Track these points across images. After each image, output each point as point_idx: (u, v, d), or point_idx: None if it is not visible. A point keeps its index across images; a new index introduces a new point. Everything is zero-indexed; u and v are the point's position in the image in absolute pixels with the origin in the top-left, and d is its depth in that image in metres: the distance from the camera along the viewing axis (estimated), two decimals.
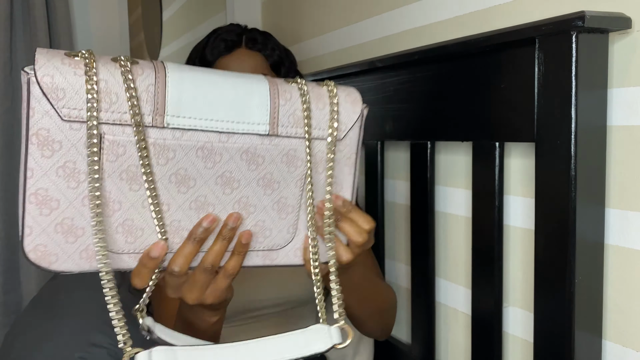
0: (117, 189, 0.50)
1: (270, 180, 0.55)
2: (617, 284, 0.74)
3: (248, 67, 0.93)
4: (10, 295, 1.41)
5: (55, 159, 0.48)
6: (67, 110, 0.47)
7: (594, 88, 0.70)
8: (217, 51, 0.94)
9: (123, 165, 0.50)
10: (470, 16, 0.94)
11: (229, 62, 0.93)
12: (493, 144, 0.84)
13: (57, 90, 0.46)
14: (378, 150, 1.14)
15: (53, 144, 0.47)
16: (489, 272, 0.86)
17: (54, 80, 0.46)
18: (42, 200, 0.48)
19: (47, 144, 0.47)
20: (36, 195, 0.48)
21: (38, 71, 0.46)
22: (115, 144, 0.49)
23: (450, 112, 0.91)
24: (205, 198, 0.53)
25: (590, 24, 0.66)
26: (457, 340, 1.02)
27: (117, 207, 0.50)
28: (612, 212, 0.73)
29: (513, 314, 0.89)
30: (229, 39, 0.94)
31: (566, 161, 0.70)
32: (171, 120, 0.50)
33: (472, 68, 0.86)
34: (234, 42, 0.94)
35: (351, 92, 0.58)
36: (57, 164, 0.48)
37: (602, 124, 0.72)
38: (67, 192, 0.49)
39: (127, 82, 0.48)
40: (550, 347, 0.74)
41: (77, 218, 0.49)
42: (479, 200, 0.88)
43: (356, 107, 0.57)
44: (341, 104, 0.57)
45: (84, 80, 0.47)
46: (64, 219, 0.49)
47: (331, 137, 0.57)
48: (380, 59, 1.04)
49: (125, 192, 0.50)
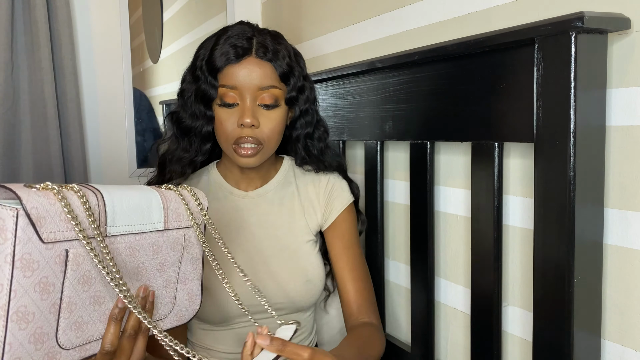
0: (75, 292, 0.59)
1: (164, 263, 0.71)
2: (616, 284, 0.74)
3: (257, 77, 0.91)
4: None
5: (33, 278, 0.55)
6: (46, 234, 0.55)
7: (593, 88, 0.71)
8: (226, 58, 0.91)
9: (80, 272, 0.59)
10: (470, 16, 0.94)
11: (238, 72, 0.91)
12: (492, 144, 0.84)
13: (40, 218, 0.55)
14: (378, 150, 1.15)
15: (33, 264, 0.55)
16: (488, 272, 0.86)
17: (39, 211, 0.55)
18: (22, 317, 0.54)
19: (29, 266, 0.54)
20: (17, 313, 0.54)
21: (27, 205, 0.54)
22: (77, 256, 0.59)
23: (450, 112, 0.91)
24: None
25: (589, 25, 0.66)
26: (456, 339, 1.02)
27: (73, 308, 0.59)
28: (611, 211, 0.73)
29: (512, 314, 0.89)
30: (239, 45, 0.91)
31: (565, 161, 0.70)
32: (110, 230, 0.63)
33: (472, 68, 0.86)
34: (244, 50, 0.91)
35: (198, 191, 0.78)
36: (35, 281, 0.55)
37: (601, 124, 0.72)
38: (41, 303, 0.56)
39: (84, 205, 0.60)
40: (549, 346, 0.75)
41: (45, 326, 0.57)
42: (479, 200, 0.88)
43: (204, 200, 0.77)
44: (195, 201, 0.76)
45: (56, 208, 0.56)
46: (36, 328, 0.56)
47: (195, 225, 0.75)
48: (380, 59, 1.04)
49: (79, 294, 0.60)
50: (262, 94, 0.92)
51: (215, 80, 0.92)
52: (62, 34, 1.39)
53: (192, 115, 0.96)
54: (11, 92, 1.35)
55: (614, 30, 0.70)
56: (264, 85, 0.92)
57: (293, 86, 0.96)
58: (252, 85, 0.91)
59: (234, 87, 0.92)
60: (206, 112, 0.94)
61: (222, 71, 0.92)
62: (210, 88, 0.93)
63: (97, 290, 0.62)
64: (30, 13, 1.35)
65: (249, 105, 0.91)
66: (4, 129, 1.35)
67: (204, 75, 0.93)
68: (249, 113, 0.91)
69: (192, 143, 0.99)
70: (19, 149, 1.38)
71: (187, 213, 0.74)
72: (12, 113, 1.36)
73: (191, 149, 0.99)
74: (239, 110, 0.92)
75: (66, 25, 1.39)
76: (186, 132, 0.98)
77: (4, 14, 1.31)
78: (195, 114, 0.95)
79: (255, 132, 0.92)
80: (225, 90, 0.92)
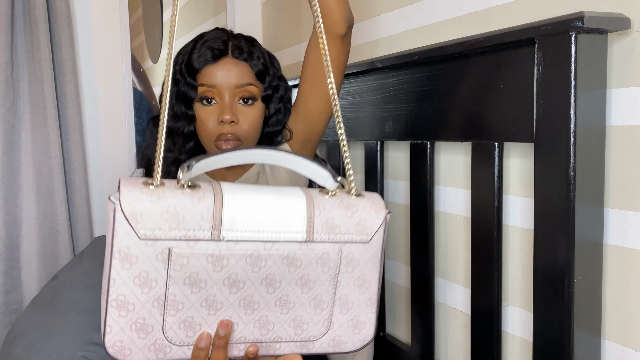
0: (181, 292, 0.59)
1: (307, 280, 0.64)
2: (616, 284, 0.74)
3: (234, 76, 0.96)
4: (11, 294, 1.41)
5: (132, 270, 0.57)
6: (143, 231, 0.57)
7: (593, 88, 0.71)
8: (204, 59, 0.96)
9: (186, 272, 0.59)
10: (470, 16, 0.94)
11: (216, 71, 0.96)
12: (492, 144, 0.84)
13: (136, 215, 0.56)
14: (378, 150, 1.15)
15: (131, 257, 0.57)
16: (489, 272, 0.86)
17: (134, 208, 0.56)
18: (121, 305, 0.58)
19: (127, 259, 0.57)
20: (117, 300, 0.58)
21: (123, 201, 0.56)
22: (181, 256, 0.58)
23: (450, 112, 0.91)
24: (252, 297, 0.62)
25: (589, 25, 0.66)
26: (456, 339, 1.02)
27: (180, 307, 0.60)
28: (611, 211, 0.73)
29: (512, 314, 0.89)
30: (216, 47, 0.97)
31: (565, 161, 0.70)
32: (226, 234, 0.59)
33: (472, 68, 0.86)
34: (220, 51, 0.97)
35: (375, 200, 0.65)
36: (134, 274, 0.57)
37: (601, 124, 0.72)
38: (141, 296, 0.58)
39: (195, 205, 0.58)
40: (549, 346, 0.75)
41: (148, 318, 0.59)
42: (479, 200, 0.88)
43: (380, 214, 0.64)
44: (367, 211, 0.64)
45: (157, 207, 0.57)
46: (138, 319, 0.59)
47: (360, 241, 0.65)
48: (380, 59, 1.04)
49: (187, 295, 0.60)
50: (240, 91, 0.96)
51: (194, 81, 0.97)
52: (62, 34, 1.39)
53: (174, 116, 1.00)
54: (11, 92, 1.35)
55: (614, 30, 0.70)
56: (241, 83, 0.96)
57: (269, 84, 1.00)
58: (230, 83, 0.96)
59: (213, 85, 0.96)
60: (187, 112, 0.98)
61: (201, 72, 0.97)
62: (190, 89, 0.97)
63: (211, 294, 0.61)
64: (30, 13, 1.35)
65: (228, 103, 0.95)
66: (4, 129, 1.35)
67: (184, 78, 0.97)
68: (228, 110, 0.95)
69: (176, 143, 1.02)
70: (19, 149, 1.38)
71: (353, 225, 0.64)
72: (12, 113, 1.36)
73: (174, 149, 1.03)
74: (219, 108, 0.96)
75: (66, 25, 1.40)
76: (169, 134, 1.01)
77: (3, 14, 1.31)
78: (177, 115, 0.99)
79: (235, 129, 0.96)
80: (205, 89, 0.96)
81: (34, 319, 1.09)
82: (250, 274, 0.61)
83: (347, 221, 0.63)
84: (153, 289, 0.59)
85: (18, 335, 1.07)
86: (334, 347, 0.68)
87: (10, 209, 1.38)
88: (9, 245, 1.39)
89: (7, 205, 1.37)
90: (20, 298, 1.42)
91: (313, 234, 0.62)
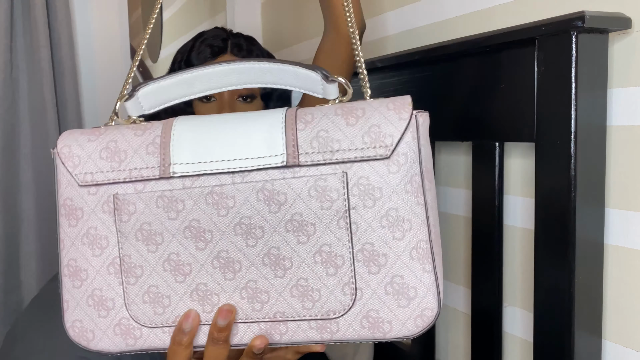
0: (136, 251, 0.48)
1: (301, 222, 0.45)
2: (617, 284, 0.74)
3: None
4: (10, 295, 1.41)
5: (79, 228, 0.49)
6: (81, 176, 0.48)
7: (594, 88, 0.70)
8: (203, 56, 0.96)
9: (136, 224, 0.47)
10: (470, 16, 0.94)
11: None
12: (493, 144, 0.84)
13: (72, 157, 0.48)
14: None
15: (76, 211, 0.48)
16: (489, 272, 0.86)
17: (71, 149, 0.49)
18: (73, 272, 0.49)
19: (72, 213, 0.48)
20: (68, 267, 0.49)
21: (59, 144, 0.49)
22: (127, 203, 0.47)
23: (450, 112, 0.91)
24: (228, 254, 0.46)
25: (590, 24, 0.66)
26: (456, 340, 1.02)
27: (138, 272, 0.48)
28: (612, 212, 0.73)
29: (513, 314, 0.89)
30: (215, 44, 0.97)
31: (566, 161, 0.70)
32: (178, 169, 0.46)
33: (472, 68, 0.86)
34: (219, 48, 0.96)
35: (396, 99, 0.47)
36: (81, 231, 0.49)
37: (602, 124, 0.72)
38: (93, 260, 0.49)
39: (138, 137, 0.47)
40: (550, 346, 0.75)
41: (105, 289, 0.49)
42: (479, 200, 0.88)
43: (402, 113, 0.44)
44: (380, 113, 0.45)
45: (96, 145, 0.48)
46: (94, 290, 0.49)
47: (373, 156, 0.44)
48: (380, 59, 1.04)
49: (144, 255, 0.48)
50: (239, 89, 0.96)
51: None
52: (61, 34, 1.39)
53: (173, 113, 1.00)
54: (11, 92, 1.35)
55: (615, 30, 0.70)
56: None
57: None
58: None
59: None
60: (186, 109, 0.98)
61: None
62: None
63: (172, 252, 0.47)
64: (30, 13, 1.35)
65: (227, 99, 0.95)
66: (4, 129, 1.35)
67: None
68: (227, 107, 0.95)
69: None
70: (18, 149, 1.38)
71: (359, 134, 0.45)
72: (12, 113, 1.36)
73: None
74: (218, 106, 0.96)
75: (66, 25, 1.39)
76: None
77: (3, 14, 1.31)
78: (176, 112, 1.00)
79: None
80: None
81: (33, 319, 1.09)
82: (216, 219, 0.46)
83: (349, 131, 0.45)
84: (105, 249, 0.48)
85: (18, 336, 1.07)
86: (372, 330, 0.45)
87: (10, 209, 1.38)
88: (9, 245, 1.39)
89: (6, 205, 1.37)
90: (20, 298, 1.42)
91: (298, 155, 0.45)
